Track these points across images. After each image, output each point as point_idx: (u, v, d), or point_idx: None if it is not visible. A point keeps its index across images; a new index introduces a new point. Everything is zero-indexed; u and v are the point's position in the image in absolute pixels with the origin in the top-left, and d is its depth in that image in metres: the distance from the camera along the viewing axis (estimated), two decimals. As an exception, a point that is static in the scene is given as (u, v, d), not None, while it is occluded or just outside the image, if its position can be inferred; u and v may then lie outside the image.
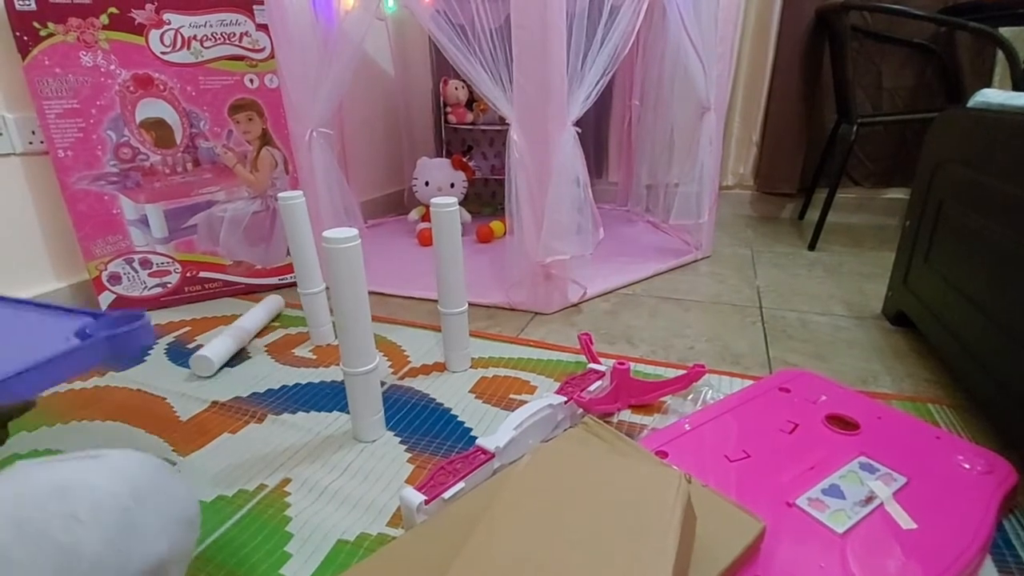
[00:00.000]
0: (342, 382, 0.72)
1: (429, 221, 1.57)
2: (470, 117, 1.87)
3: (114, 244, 1.13)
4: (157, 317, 1.14)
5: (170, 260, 1.19)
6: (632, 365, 0.77)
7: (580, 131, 1.04)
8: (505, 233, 1.34)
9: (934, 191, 0.89)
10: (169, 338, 1.04)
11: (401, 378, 0.88)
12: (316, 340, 1.01)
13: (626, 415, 0.76)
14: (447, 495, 0.56)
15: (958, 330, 0.78)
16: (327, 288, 0.98)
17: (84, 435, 0.75)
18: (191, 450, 0.71)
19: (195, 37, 1.13)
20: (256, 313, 1.06)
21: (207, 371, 0.89)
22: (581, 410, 0.73)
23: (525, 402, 0.72)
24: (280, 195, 0.92)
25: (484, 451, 0.62)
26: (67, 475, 0.39)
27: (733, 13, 1.29)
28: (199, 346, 0.96)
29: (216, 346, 0.92)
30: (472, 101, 1.87)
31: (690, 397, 0.78)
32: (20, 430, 0.75)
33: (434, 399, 0.81)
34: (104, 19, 1.05)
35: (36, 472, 0.40)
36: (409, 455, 0.69)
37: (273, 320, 1.11)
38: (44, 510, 0.36)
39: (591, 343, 0.89)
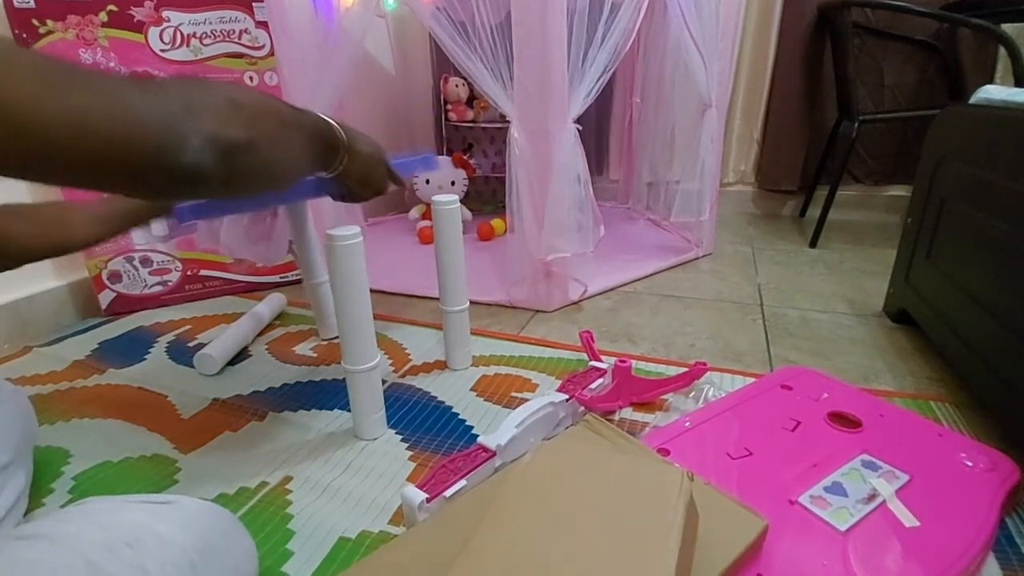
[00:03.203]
0: (343, 380, 0.72)
1: (430, 219, 1.57)
2: (471, 115, 1.87)
3: (114, 242, 1.13)
4: (157, 315, 1.14)
5: (171, 258, 1.19)
6: (633, 363, 0.77)
7: (581, 128, 1.03)
8: (506, 231, 1.34)
9: (936, 188, 0.89)
10: (170, 336, 1.04)
11: (402, 376, 0.88)
12: (324, 334, 1.02)
13: (628, 413, 0.76)
14: (448, 493, 0.56)
15: (960, 327, 0.78)
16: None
17: (85, 433, 0.75)
18: (192, 448, 0.71)
19: (194, 34, 1.13)
20: (260, 311, 1.06)
21: (211, 369, 0.89)
22: (583, 408, 0.73)
23: (526, 400, 0.72)
24: (280, 193, 0.92)
25: (485, 449, 0.62)
26: (140, 523, 0.40)
27: (734, 10, 1.28)
28: (200, 344, 0.96)
29: (220, 344, 0.92)
30: (473, 98, 1.86)
31: (692, 395, 0.78)
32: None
33: (435, 397, 0.81)
34: (103, 16, 1.05)
35: (112, 515, 0.41)
36: (410, 453, 0.69)
37: (275, 319, 1.11)
38: (118, 560, 0.36)
39: (592, 341, 0.89)
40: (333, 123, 0.54)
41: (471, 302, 0.89)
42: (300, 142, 0.48)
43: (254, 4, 1.16)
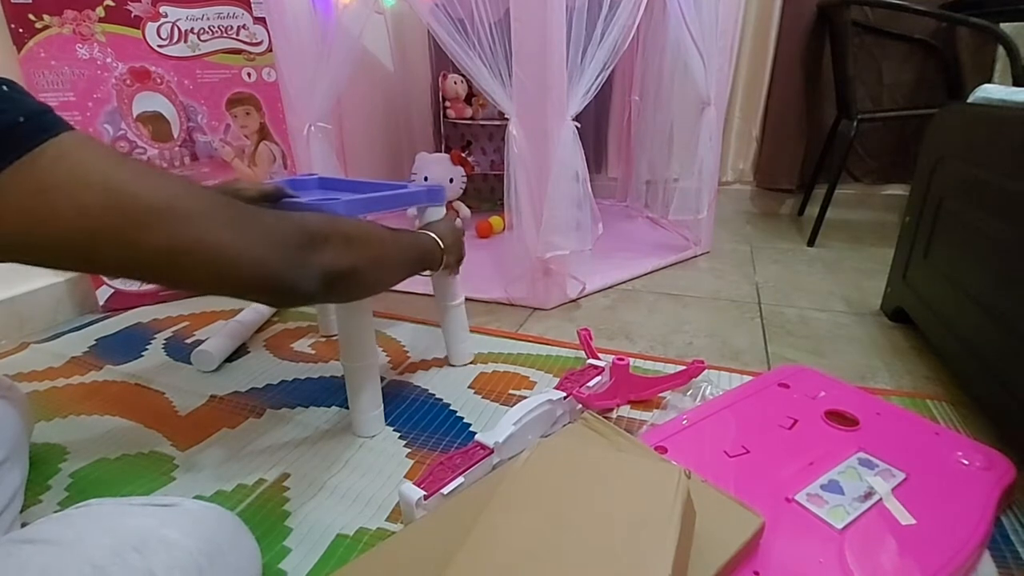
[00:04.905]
0: (341, 377, 0.72)
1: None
2: (469, 112, 1.86)
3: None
4: (155, 312, 1.14)
5: (168, 255, 1.18)
6: (631, 361, 0.77)
7: (579, 126, 1.03)
8: (504, 228, 1.34)
9: (934, 187, 0.89)
10: (167, 333, 1.04)
11: (400, 373, 0.88)
12: (325, 330, 1.02)
13: (625, 411, 0.76)
14: (446, 490, 0.56)
15: (958, 326, 0.78)
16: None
17: (82, 430, 0.74)
18: (190, 445, 0.71)
19: (192, 30, 1.12)
20: (258, 307, 1.06)
21: (208, 366, 0.89)
22: (580, 406, 0.73)
23: (524, 397, 0.72)
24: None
25: (483, 446, 0.62)
26: (146, 527, 0.40)
27: (734, 8, 1.28)
28: (198, 341, 0.95)
29: (218, 341, 0.92)
30: (471, 95, 1.86)
31: (689, 393, 0.78)
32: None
33: (433, 394, 0.81)
34: (100, 11, 1.04)
35: (118, 518, 0.41)
36: (408, 450, 0.69)
37: (273, 315, 1.11)
38: (127, 565, 0.36)
39: (590, 338, 0.89)
40: (435, 236, 0.70)
41: (470, 300, 0.89)
42: (401, 261, 0.63)
43: (252, 0, 1.15)
